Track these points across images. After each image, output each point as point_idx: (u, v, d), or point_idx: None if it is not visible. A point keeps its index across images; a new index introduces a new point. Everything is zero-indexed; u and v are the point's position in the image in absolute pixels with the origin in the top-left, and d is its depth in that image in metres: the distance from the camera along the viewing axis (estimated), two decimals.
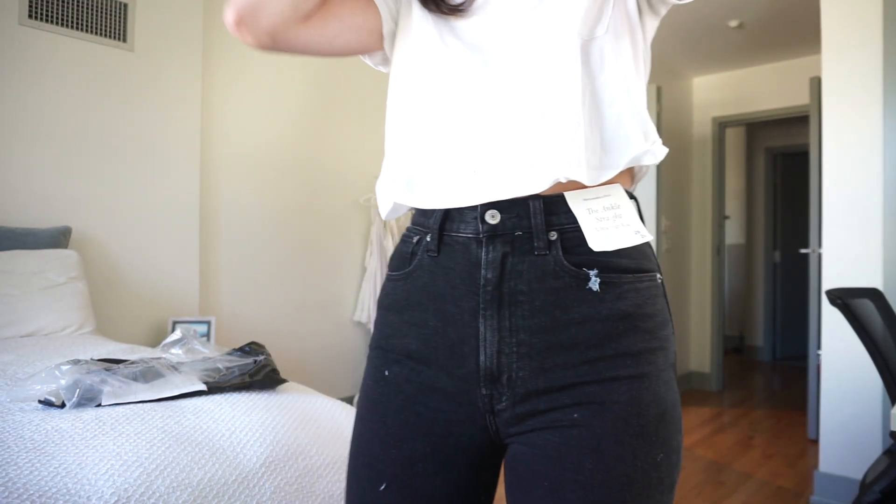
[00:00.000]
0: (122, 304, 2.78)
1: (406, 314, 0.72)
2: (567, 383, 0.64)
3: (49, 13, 2.55)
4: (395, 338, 0.73)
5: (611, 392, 0.64)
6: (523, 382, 0.65)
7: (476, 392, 0.67)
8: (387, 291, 0.76)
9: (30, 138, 2.53)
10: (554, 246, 0.65)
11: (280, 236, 3.49)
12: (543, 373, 0.65)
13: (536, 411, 0.65)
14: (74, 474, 0.95)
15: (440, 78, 0.71)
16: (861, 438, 2.49)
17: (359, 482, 0.72)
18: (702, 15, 3.61)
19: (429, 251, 0.70)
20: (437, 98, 0.71)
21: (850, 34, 2.53)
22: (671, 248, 4.52)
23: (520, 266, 0.65)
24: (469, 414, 0.68)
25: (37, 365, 1.58)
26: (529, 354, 0.65)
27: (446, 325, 0.68)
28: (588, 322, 0.64)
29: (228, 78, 3.26)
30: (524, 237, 0.65)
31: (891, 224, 2.42)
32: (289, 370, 3.39)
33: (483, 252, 0.66)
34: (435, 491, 0.69)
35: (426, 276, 0.70)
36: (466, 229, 0.67)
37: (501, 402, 0.66)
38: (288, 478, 1.12)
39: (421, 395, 0.70)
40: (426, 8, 0.74)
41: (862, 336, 1.67)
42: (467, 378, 0.67)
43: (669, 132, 4.43)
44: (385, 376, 0.72)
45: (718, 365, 4.77)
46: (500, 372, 0.66)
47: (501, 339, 0.65)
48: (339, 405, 1.36)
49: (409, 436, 0.70)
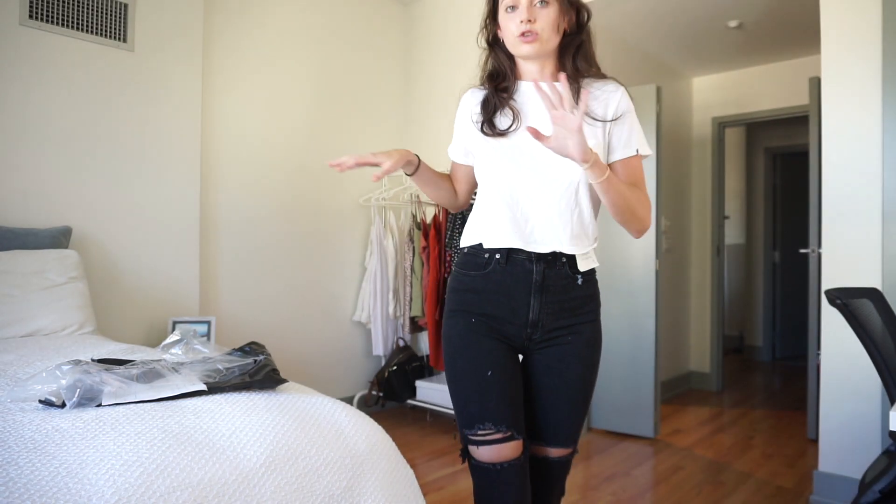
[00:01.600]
0: (122, 304, 2.78)
1: (482, 294, 1.39)
2: (565, 325, 1.40)
3: (49, 14, 2.55)
4: (475, 305, 1.39)
5: (582, 328, 1.43)
6: (547, 325, 1.39)
7: (524, 331, 1.39)
8: (464, 281, 1.42)
9: (30, 138, 2.53)
10: (564, 265, 1.39)
11: (280, 236, 3.49)
12: (556, 321, 1.39)
13: (550, 338, 1.40)
14: (75, 474, 0.95)
15: (505, 173, 1.38)
16: (860, 438, 2.49)
17: (471, 373, 1.36)
18: (702, 15, 3.61)
19: (500, 263, 1.37)
20: (502, 187, 1.38)
21: (849, 34, 2.53)
22: (671, 248, 4.52)
23: (549, 272, 1.37)
24: (518, 340, 1.40)
25: (37, 365, 1.58)
26: (551, 313, 1.38)
27: (510, 300, 1.37)
28: (576, 298, 1.41)
29: (228, 78, 3.26)
30: (552, 261, 1.37)
31: (890, 224, 2.43)
32: (289, 370, 3.39)
33: (534, 266, 1.37)
34: (512, 370, 1.39)
35: (498, 276, 1.38)
36: (523, 255, 1.37)
37: (536, 334, 1.39)
38: (288, 478, 1.12)
39: (495, 331, 1.38)
40: (484, 133, 1.40)
41: (861, 336, 1.67)
42: (520, 325, 1.38)
43: (669, 132, 4.43)
44: (472, 322, 1.39)
45: (718, 365, 4.77)
46: (538, 321, 1.38)
47: (541, 307, 1.37)
48: (339, 405, 1.36)
49: (494, 347, 1.38)
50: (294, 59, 3.55)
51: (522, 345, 1.40)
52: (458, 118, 1.49)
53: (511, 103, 1.39)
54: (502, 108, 1.39)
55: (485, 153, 1.40)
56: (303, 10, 3.59)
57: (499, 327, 1.37)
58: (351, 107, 3.85)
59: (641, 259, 3.55)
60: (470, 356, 1.36)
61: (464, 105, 1.47)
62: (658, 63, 4.42)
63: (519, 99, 1.40)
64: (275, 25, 3.46)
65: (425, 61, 4.06)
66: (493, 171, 1.38)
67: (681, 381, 4.70)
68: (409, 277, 3.63)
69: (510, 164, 1.36)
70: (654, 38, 3.97)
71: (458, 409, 1.38)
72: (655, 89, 3.44)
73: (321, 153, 3.68)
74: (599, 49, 1.49)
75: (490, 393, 1.33)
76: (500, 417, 1.32)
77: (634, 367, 3.55)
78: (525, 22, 1.29)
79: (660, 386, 3.64)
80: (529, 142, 1.30)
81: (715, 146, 4.79)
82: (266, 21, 3.42)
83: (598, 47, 1.47)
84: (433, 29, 4.02)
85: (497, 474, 1.33)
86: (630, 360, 3.57)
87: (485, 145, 1.40)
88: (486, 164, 1.40)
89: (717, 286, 4.77)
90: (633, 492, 2.75)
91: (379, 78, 4.03)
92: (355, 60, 3.88)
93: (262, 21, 3.40)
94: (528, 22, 1.29)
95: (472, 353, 1.36)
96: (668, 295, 4.46)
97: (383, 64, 4.05)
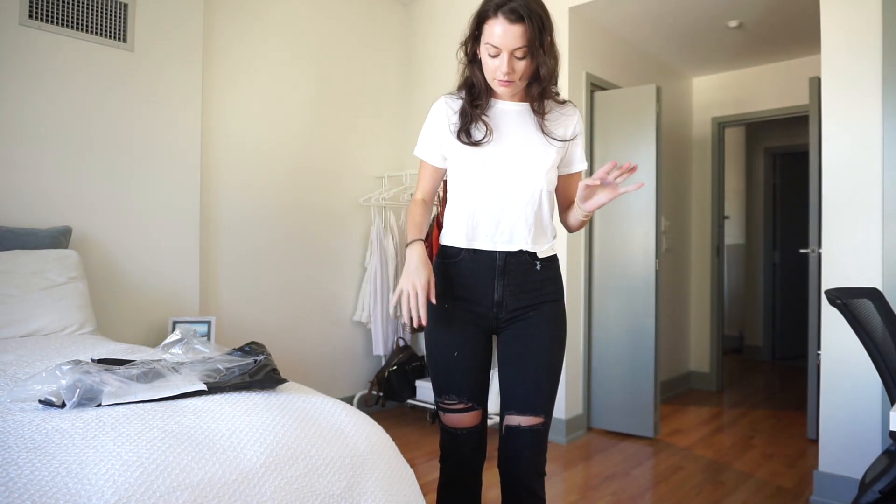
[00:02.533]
0: (122, 304, 2.78)
1: (454, 280, 1.60)
2: (527, 304, 1.59)
3: (49, 13, 2.55)
4: (448, 290, 1.60)
5: (543, 307, 1.60)
6: (510, 305, 1.58)
7: (491, 310, 1.59)
8: (440, 269, 1.62)
9: (30, 138, 2.53)
10: (524, 254, 1.58)
11: (280, 236, 3.49)
12: (518, 300, 1.58)
13: (514, 316, 1.59)
14: (75, 474, 0.95)
15: (477, 180, 1.57)
16: (860, 438, 2.49)
17: (441, 353, 1.61)
18: (702, 15, 3.61)
19: (469, 253, 1.59)
20: (475, 193, 1.57)
21: (849, 34, 2.53)
22: (671, 248, 4.52)
23: (511, 259, 1.58)
24: (487, 319, 1.60)
25: (37, 365, 1.58)
26: (513, 293, 1.58)
27: (477, 284, 1.58)
28: (535, 280, 1.59)
29: (228, 78, 3.26)
30: (514, 251, 1.58)
31: (890, 224, 2.43)
32: (289, 370, 3.39)
33: (496, 255, 1.58)
34: (476, 350, 1.61)
35: (467, 264, 1.59)
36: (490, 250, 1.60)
37: (501, 314, 1.59)
38: (288, 478, 1.12)
39: (466, 312, 1.60)
40: (460, 140, 1.56)
41: (861, 336, 1.67)
42: (488, 305, 1.58)
43: (669, 132, 4.43)
44: (445, 306, 1.60)
45: (718, 365, 4.77)
46: (502, 301, 1.58)
47: (504, 288, 1.57)
48: (340, 405, 1.36)
49: (464, 329, 1.60)
50: (294, 59, 3.55)
51: (491, 324, 1.61)
52: (435, 123, 1.62)
53: (484, 118, 1.56)
54: (476, 121, 1.56)
55: (460, 159, 1.58)
56: (303, 9, 3.59)
57: (469, 308, 1.59)
58: (351, 106, 3.85)
59: (641, 259, 3.55)
60: (441, 338, 1.62)
61: (441, 111, 1.62)
62: (658, 63, 4.42)
63: (492, 115, 1.58)
64: (274, 25, 3.46)
65: (425, 61, 4.06)
66: (467, 177, 1.57)
67: (680, 381, 4.70)
68: None
69: (481, 173, 1.56)
70: (654, 38, 3.97)
71: (431, 380, 1.66)
72: (655, 89, 3.44)
73: (321, 153, 3.68)
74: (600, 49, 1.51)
75: (455, 371, 1.61)
76: (462, 390, 1.61)
77: (634, 367, 3.55)
78: (504, 73, 1.46)
79: (659, 386, 3.65)
80: (501, 153, 1.55)
81: (715, 146, 4.79)
82: (266, 21, 3.42)
83: (599, 47, 1.49)
84: (433, 29, 4.02)
85: (457, 437, 1.64)
86: (630, 360, 3.57)
87: (460, 152, 1.57)
88: (461, 169, 1.58)
89: (716, 286, 4.77)
90: (633, 492, 2.75)
91: (379, 78, 4.03)
92: (355, 60, 3.88)
93: (261, 21, 3.40)
94: (508, 73, 1.46)
95: (443, 336, 1.62)
96: (668, 295, 4.46)
97: (383, 64, 4.05)
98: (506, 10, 1.40)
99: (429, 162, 1.67)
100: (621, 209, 3.60)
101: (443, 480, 1.68)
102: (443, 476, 1.68)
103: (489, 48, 1.45)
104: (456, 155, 1.59)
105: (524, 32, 1.41)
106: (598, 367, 3.67)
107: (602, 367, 3.66)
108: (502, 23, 1.41)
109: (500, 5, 1.41)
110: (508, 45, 1.42)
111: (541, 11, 1.44)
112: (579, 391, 3.60)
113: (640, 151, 3.51)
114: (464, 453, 1.64)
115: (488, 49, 1.45)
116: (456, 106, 1.59)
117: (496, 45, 1.43)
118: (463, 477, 1.65)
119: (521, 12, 1.39)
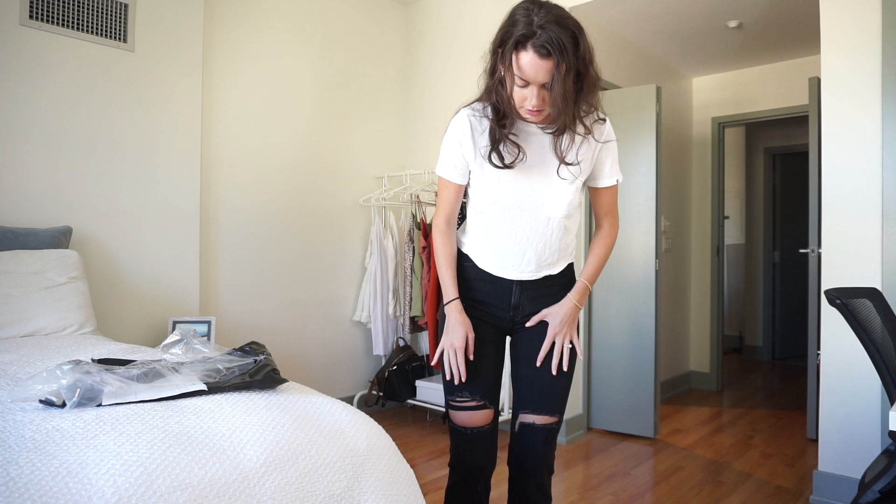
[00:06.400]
0: (122, 304, 2.79)
1: (473, 282, 1.61)
2: (544, 307, 1.60)
3: (49, 14, 2.55)
4: (466, 291, 1.61)
5: None
6: (527, 309, 1.61)
7: (508, 313, 1.61)
8: (462, 272, 1.62)
9: (30, 138, 2.53)
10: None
11: (280, 236, 3.49)
12: (535, 305, 1.61)
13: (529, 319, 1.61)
14: (75, 474, 0.95)
15: (503, 206, 1.54)
16: (860, 438, 2.49)
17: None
18: (701, 15, 3.62)
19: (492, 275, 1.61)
20: (500, 221, 1.55)
21: (849, 34, 2.53)
22: (671, 248, 4.52)
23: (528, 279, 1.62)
24: (503, 321, 1.63)
25: (37, 365, 1.58)
26: (531, 298, 1.60)
27: (496, 288, 1.60)
28: (553, 286, 1.61)
29: (228, 78, 3.26)
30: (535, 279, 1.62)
31: (889, 224, 2.43)
32: (289, 370, 3.40)
33: (514, 285, 1.61)
34: (491, 349, 1.62)
35: (488, 276, 1.60)
36: None
37: (518, 317, 1.61)
38: (288, 478, 1.12)
39: (483, 314, 1.61)
40: (492, 164, 1.49)
41: (861, 336, 1.67)
42: (505, 308, 1.61)
43: (669, 132, 4.43)
44: (464, 308, 1.59)
45: (718, 365, 4.77)
46: (519, 305, 1.60)
47: (521, 292, 1.60)
48: (340, 405, 1.36)
49: (480, 329, 1.60)
50: (294, 59, 3.55)
51: (508, 326, 1.63)
52: (460, 140, 1.53)
53: (511, 137, 1.48)
54: (504, 141, 1.48)
55: (486, 182, 1.53)
56: (303, 9, 3.59)
57: (486, 310, 1.61)
58: (351, 107, 3.85)
59: (641, 259, 3.55)
60: None
61: (464, 128, 1.52)
62: (658, 63, 4.42)
63: (519, 134, 1.50)
64: (275, 25, 3.46)
65: (425, 61, 4.06)
66: (493, 200, 1.53)
67: (680, 380, 4.70)
68: (409, 277, 3.63)
69: (508, 197, 1.52)
70: (654, 38, 3.98)
71: (443, 378, 1.61)
72: (655, 89, 3.44)
73: (321, 153, 3.68)
74: (599, 49, 1.48)
75: (469, 369, 1.57)
76: (475, 388, 1.58)
77: (634, 367, 3.55)
78: (534, 105, 1.38)
79: (659, 386, 3.65)
80: (528, 177, 1.51)
81: (715, 146, 4.79)
82: (266, 21, 3.42)
83: (598, 47, 1.47)
84: (433, 29, 4.02)
85: (468, 436, 1.60)
86: (630, 360, 3.57)
87: (488, 175, 1.52)
88: (487, 191, 1.53)
89: (716, 286, 4.77)
90: (633, 492, 2.75)
91: (379, 78, 4.03)
92: (355, 60, 3.88)
93: (262, 21, 3.40)
94: (538, 105, 1.38)
95: None
96: (668, 295, 4.46)
97: (383, 64, 4.05)
98: (536, 43, 1.31)
99: (453, 181, 1.58)
100: (621, 209, 3.56)
101: (451, 484, 1.66)
102: (451, 479, 1.66)
103: (518, 79, 1.37)
104: (482, 177, 1.53)
105: (553, 67, 1.32)
106: (599, 366, 3.68)
107: (602, 367, 3.66)
108: (532, 57, 1.32)
109: (529, 36, 1.31)
110: (538, 80, 1.35)
111: (571, 43, 1.33)
112: (579, 391, 3.60)
113: (640, 151, 3.51)
114: (474, 456, 1.61)
115: (517, 80, 1.37)
116: (482, 125, 1.51)
117: (524, 79, 1.36)
118: (472, 482, 1.63)
119: (550, 48, 1.30)
